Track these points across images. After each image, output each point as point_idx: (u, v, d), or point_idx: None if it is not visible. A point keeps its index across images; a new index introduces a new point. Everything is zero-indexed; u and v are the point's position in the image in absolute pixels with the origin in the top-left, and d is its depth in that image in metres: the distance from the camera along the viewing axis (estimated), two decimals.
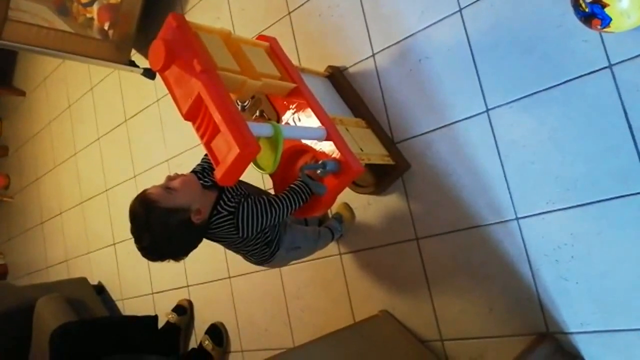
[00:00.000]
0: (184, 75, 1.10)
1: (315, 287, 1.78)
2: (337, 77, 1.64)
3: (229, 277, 2.08)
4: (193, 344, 2.21)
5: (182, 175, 1.19)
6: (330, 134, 1.23)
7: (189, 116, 1.09)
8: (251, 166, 1.17)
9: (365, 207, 1.64)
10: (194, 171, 1.27)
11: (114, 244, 2.73)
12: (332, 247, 1.72)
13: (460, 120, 1.43)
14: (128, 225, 2.57)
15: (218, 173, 1.02)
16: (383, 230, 1.60)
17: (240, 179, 1.12)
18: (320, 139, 1.23)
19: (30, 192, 3.58)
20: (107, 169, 2.81)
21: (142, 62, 2.45)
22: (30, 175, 3.57)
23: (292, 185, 1.25)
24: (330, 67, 1.66)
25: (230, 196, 1.20)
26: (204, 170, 1.27)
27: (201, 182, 1.21)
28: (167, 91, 1.14)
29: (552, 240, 1.27)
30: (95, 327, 2.09)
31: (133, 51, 2.50)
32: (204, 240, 1.25)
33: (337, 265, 1.71)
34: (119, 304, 2.69)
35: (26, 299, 2.35)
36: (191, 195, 1.14)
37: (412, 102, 1.53)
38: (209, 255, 2.15)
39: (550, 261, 1.27)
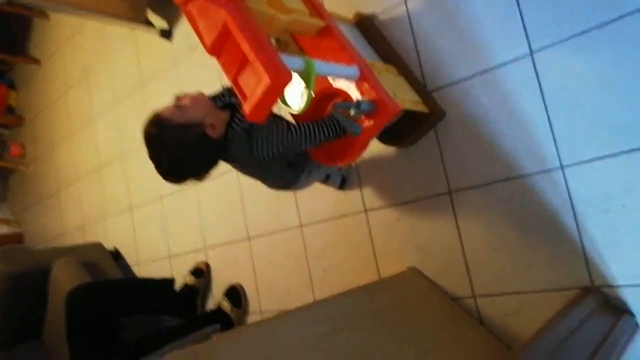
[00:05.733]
0: (209, 5, 1.02)
1: (339, 246, 1.72)
2: (366, 24, 1.55)
3: (248, 238, 2.03)
4: (211, 306, 2.17)
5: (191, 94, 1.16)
6: (364, 73, 1.15)
7: (214, 50, 1.02)
8: (280, 105, 1.10)
9: (394, 160, 1.56)
10: None
11: (131, 209, 2.69)
12: (357, 204, 1.66)
13: (501, 65, 1.34)
14: (145, 188, 2.53)
15: (247, 107, 0.94)
16: (412, 185, 1.52)
17: None
18: (353, 78, 1.15)
19: (45, 161, 3.55)
20: (123, 135, 2.76)
21: (159, 23, 2.37)
22: (45, 144, 3.54)
23: (319, 120, 1.18)
24: (358, 13, 1.57)
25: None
26: (215, 96, 1.26)
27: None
28: (184, 53, 1.08)
29: (600, 189, 1.19)
30: (111, 288, 2.07)
31: (150, 14, 2.42)
32: (222, 200, 1.21)
33: (362, 223, 1.65)
34: (135, 269, 2.67)
35: (42, 262, 2.34)
36: (202, 110, 1.12)
37: (448, 48, 1.43)
38: (227, 217, 2.11)
39: (599, 211, 1.19)
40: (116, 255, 2.74)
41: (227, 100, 1.24)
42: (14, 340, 2.25)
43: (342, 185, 1.66)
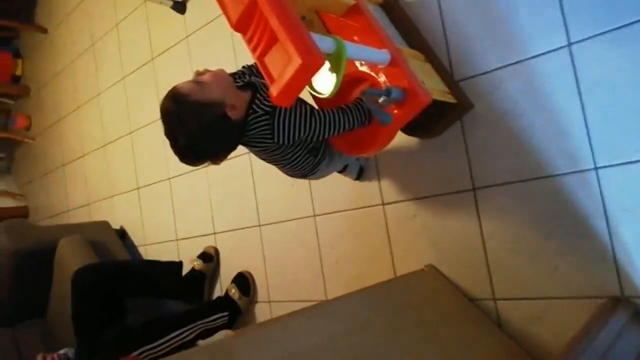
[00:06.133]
0: None
1: (352, 238, 1.67)
2: (392, 5, 1.46)
3: (259, 225, 1.97)
4: (218, 292, 2.14)
5: (212, 70, 1.10)
6: (395, 58, 1.08)
7: (240, 26, 0.94)
8: (306, 90, 1.03)
9: (415, 152, 1.49)
10: None
11: (138, 188, 2.64)
12: (374, 196, 1.60)
13: (535, 56, 1.26)
14: (152, 168, 2.47)
15: (274, 90, 0.88)
16: (434, 179, 1.46)
17: None
18: (383, 64, 1.08)
19: (51, 134, 3.49)
20: (131, 110, 2.69)
21: None
22: (51, 116, 3.48)
23: (344, 105, 1.12)
24: None
25: (266, 95, 1.10)
26: (235, 74, 1.20)
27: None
28: (197, 27, 1.01)
29: (636, 194, 1.12)
30: (118, 269, 2.04)
31: None
32: (233, 185, 1.15)
33: (378, 216, 1.59)
34: (141, 250, 2.63)
35: (47, 239, 2.31)
36: (223, 89, 1.06)
37: (478, 36, 1.35)
38: (238, 202, 2.05)
39: (633, 217, 1.12)
40: (122, 235, 2.71)
41: (247, 80, 1.17)
42: (19, 317, 2.23)
43: (359, 176, 1.60)
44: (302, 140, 1.17)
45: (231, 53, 1.98)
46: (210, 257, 2.13)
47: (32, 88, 3.75)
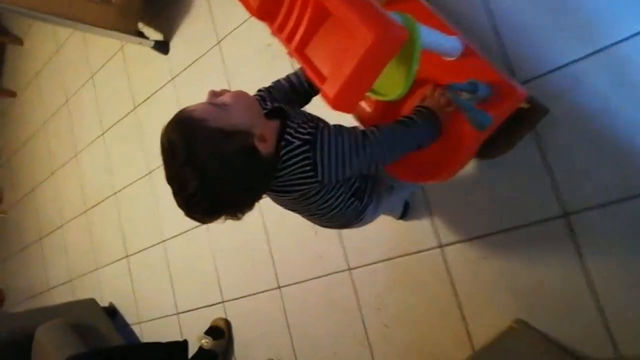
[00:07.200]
0: None
1: (404, 293, 1.33)
2: None
3: (279, 287, 1.63)
4: None
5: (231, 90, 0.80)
6: (468, 47, 0.80)
7: (264, 11, 0.66)
8: None
9: (477, 176, 1.19)
10: None
11: (127, 256, 2.28)
12: (427, 237, 1.28)
13: (623, 40, 0.99)
14: (143, 231, 2.09)
15: (330, 89, 0.58)
16: (506, 209, 1.15)
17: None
18: (455, 54, 0.80)
19: (25, 205, 3.14)
20: (114, 168, 2.37)
21: (153, 35, 2.03)
22: (25, 185, 3.14)
23: (403, 117, 0.83)
24: None
25: (301, 122, 0.80)
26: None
27: None
28: (183, 67, 0.74)
29: None
30: (110, 358, 1.70)
31: (142, 26, 2.09)
32: (242, 242, 0.90)
33: (436, 262, 1.27)
34: (136, 329, 2.24)
35: (22, 328, 1.95)
36: (250, 114, 0.76)
37: (539, 24, 1.09)
38: (250, 261, 1.72)
39: None
40: (112, 313, 2.33)
41: (268, 106, 0.88)
42: None
43: (405, 213, 1.29)
44: (347, 179, 0.87)
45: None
46: (220, 332, 1.77)
47: (2, 158, 3.42)
